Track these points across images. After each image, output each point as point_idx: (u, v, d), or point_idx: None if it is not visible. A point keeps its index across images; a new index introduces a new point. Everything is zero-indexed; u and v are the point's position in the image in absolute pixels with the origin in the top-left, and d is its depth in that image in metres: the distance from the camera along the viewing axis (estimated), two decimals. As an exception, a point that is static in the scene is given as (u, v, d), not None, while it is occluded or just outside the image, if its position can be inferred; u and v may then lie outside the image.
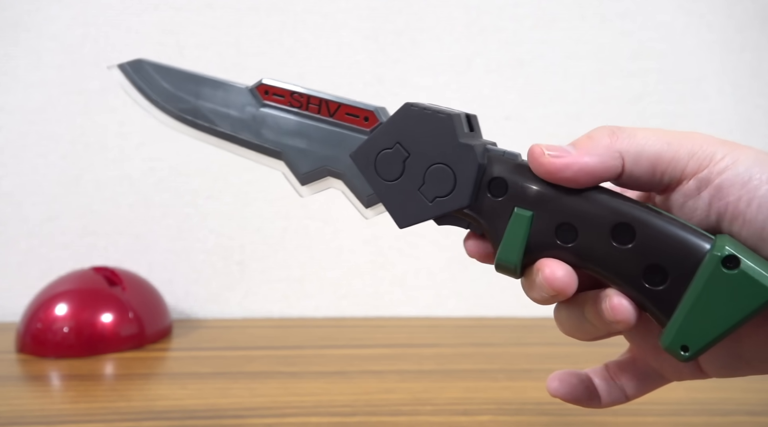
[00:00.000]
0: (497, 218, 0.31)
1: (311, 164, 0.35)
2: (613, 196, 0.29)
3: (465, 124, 0.32)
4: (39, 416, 0.52)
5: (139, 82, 0.38)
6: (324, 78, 0.78)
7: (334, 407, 0.53)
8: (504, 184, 0.30)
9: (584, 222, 0.29)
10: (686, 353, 0.28)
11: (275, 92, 0.35)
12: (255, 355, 0.66)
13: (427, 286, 0.81)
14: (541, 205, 0.30)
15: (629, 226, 0.28)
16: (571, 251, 0.29)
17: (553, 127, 0.80)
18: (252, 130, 0.35)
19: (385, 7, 0.78)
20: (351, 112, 0.34)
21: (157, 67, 0.37)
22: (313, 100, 0.34)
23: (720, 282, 0.27)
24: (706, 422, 0.50)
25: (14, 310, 0.72)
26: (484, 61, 0.79)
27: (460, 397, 0.55)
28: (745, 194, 0.28)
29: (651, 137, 0.29)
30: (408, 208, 0.32)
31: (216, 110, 0.36)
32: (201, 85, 0.36)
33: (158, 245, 0.80)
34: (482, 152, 0.31)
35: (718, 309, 0.27)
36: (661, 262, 0.28)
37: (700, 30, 0.79)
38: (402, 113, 0.32)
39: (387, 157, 0.32)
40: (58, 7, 0.76)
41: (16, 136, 0.78)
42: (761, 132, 0.81)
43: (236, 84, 0.36)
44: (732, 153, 0.28)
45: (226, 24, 0.78)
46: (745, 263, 0.26)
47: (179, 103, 0.37)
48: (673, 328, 0.28)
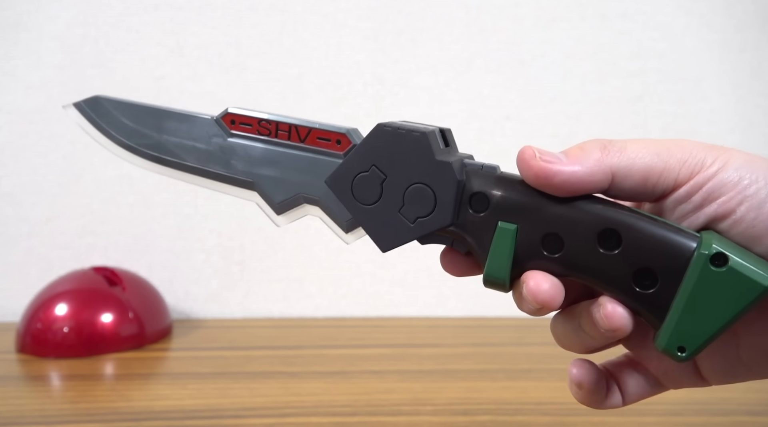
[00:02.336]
0: (481, 233, 0.30)
1: (285, 193, 0.34)
2: (596, 202, 0.29)
3: (440, 140, 0.31)
4: (39, 416, 0.52)
5: (97, 119, 0.36)
6: (324, 78, 0.78)
7: (334, 407, 0.53)
8: (485, 198, 0.30)
9: (569, 231, 0.29)
10: (683, 353, 0.28)
11: (242, 121, 0.34)
12: (255, 355, 0.66)
13: (427, 286, 0.81)
14: (524, 217, 0.29)
15: (615, 231, 0.28)
16: (558, 261, 0.29)
17: (553, 127, 0.80)
18: (221, 162, 0.34)
19: (385, 7, 0.78)
20: (322, 136, 0.33)
21: (115, 103, 0.36)
22: (282, 127, 0.33)
23: (710, 280, 0.27)
24: (706, 422, 0.50)
25: (14, 310, 0.72)
26: (484, 61, 0.79)
27: (460, 397, 0.55)
28: (735, 195, 0.28)
29: (641, 151, 0.29)
30: (389, 232, 0.31)
31: (181, 144, 0.35)
32: (163, 119, 0.35)
33: (158, 245, 0.80)
34: (460, 168, 0.31)
35: (710, 307, 0.27)
36: (649, 265, 0.28)
37: (700, 30, 0.79)
38: (375, 135, 0.31)
39: (363, 180, 0.31)
40: (58, 7, 0.76)
41: (16, 136, 0.78)
42: (761, 132, 0.81)
43: (200, 115, 0.35)
44: (721, 156, 0.29)
45: (226, 24, 0.78)
46: (734, 260, 0.26)
47: (141, 138, 0.35)
48: (668, 329, 0.28)
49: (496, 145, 0.80)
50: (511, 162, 0.31)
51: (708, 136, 0.80)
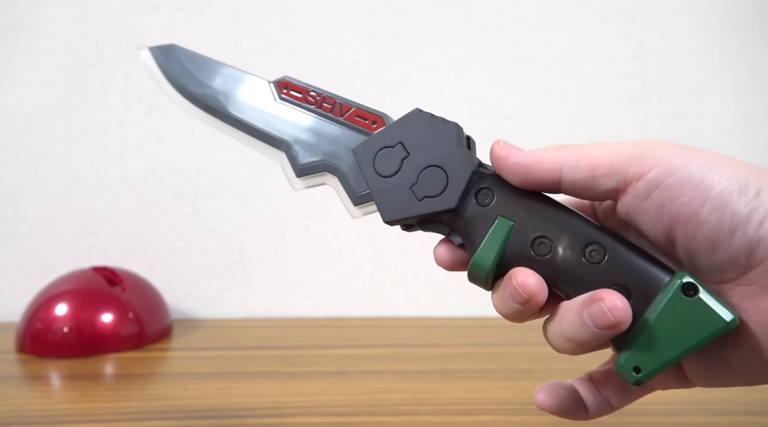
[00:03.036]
0: (479, 224, 0.32)
1: (311, 157, 0.36)
2: (589, 221, 0.31)
3: (465, 137, 0.34)
4: (39, 416, 0.52)
5: (164, 64, 0.39)
6: (324, 78, 0.78)
7: (334, 407, 0.53)
8: (491, 193, 0.32)
9: (560, 237, 0.31)
10: (638, 374, 0.29)
11: (294, 89, 0.37)
12: (255, 355, 0.66)
13: (427, 286, 0.81)
14: (523, 216, 0.31)
15: (601, 246, 0.30)
16: (544, 263, 0.31)
17: (553, 127, 0.80)
18: (263, 120, 0.37)
19: (385, 7, 0.78)
20: (361, 115, 0.35)
21: (187, 53, 0.40)
22: (328, 100, 0.36)
23: (678, 307, 0.28)
24: (706, 422, 0.50)
25: (14, 310, 0.72)
26: (484, 61, 0.79)
27: (460, 397, 0.55)
28: (697, 195, 0.28)
29: (593, 147, 0.30)
30: (396, 203, 0.33)
31: (233, 97, 0.38)
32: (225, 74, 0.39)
33: (158, 245, 0.80)
34: (477, 163, 0.33)
35: (673, 333, 0.28)
36: (626, 282, 0.29)
37: (700, 30, 0.79)
38: (410, 117, 0.34)
39: (387, 154, 0.34)
40: (58, 7, 0.76)
41: (16, 136, 0.78)
42: (761, 132, 0.81)
43: (259, 77, 0.38)
44: (683, 154, 0.29)
45: (226, 24, 0.78)
46: (703, 292, 0.28)
47: (200, 87, 0.38)
48: (628, 348, 0.29)
49: (496, 145, 0.80)
50: None
51: (708, 136, 0.80)
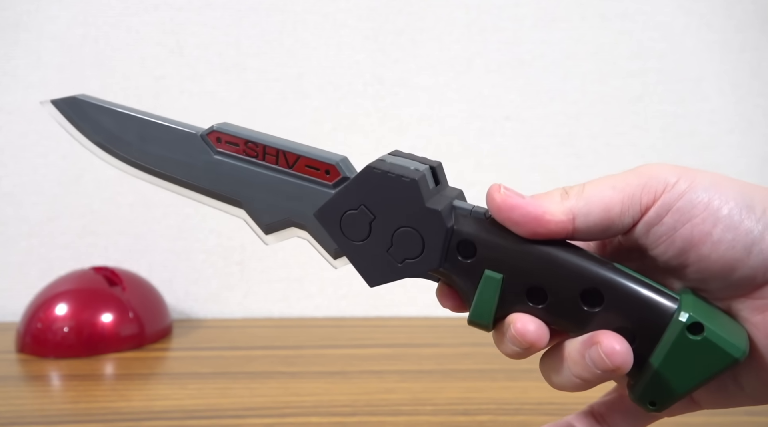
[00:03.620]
0: (468, 278, 0.30)
1: (274, 215, 0.33)
2: (581, 258, 0.29)
3: (430, 179, 0.31)
4: (39, 416, 0.52)
5: (76, 120, 0.35)
6: (324, 78, 0.78)
7: (334, 407, 0.53)
8: (472, 246, 0.30)
9: (553, 286, 0.29)
10: (653, 406, 0.29)
11: (228, 140, 0.33)
12: (255, 355, 0.66)
13: (427, 286, 0.80)
14: (510, 267, 0.30)
15: (598, 291, 0.29)
16: (541, 311, 0.30)
17: (553, 127, 0.80)
18: (207, 179, 0.33)
19: (385, 7, 0.78)
20: (311, 164, 0.32)
21: (95, 106, 0.35)
22: (270, 151, 0.32)
23: (685, 347, 0.28)
24: (706, 422, 0.50)
25: (14, 310, 0.72)
26: (484, 61, 0.79)
27: (460, 397, 0.55)
28: (708, 216, 0.28)
29: (597, 187, 0.29)
30: (377, 269, 0.31)
31: (165, 156, 0.33)
32: (146, 128, 0.34)
33: (158, 245, 0.80)
34: (449, 213, 0.30)
35: (683, 370, 0.28)
36: (629, 325, 0.29)
37: (700, 30, 0.79)
38: (364, 175, 0.31)
39: (352, 218, 0.31)
40: (58, 7, 0.76)
41: (16, 136, 0.78)
42: (761, 132, 0.81)
43: (185, 128, 0.33)
44: (685, 176, 0.28)
45: (226, 24, 0.78)
46: (709, 330, 0.27)
47: (123, 145, 0.34)
48: (641, 384, 0.29)
49: (496, 145, 0.80)
50: (512, 162, 0.31)
51: (708, 136, 0.80)
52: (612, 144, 0.80)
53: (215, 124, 0.33)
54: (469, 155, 0.80)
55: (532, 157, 0.80)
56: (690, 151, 0.81)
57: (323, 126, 0.79)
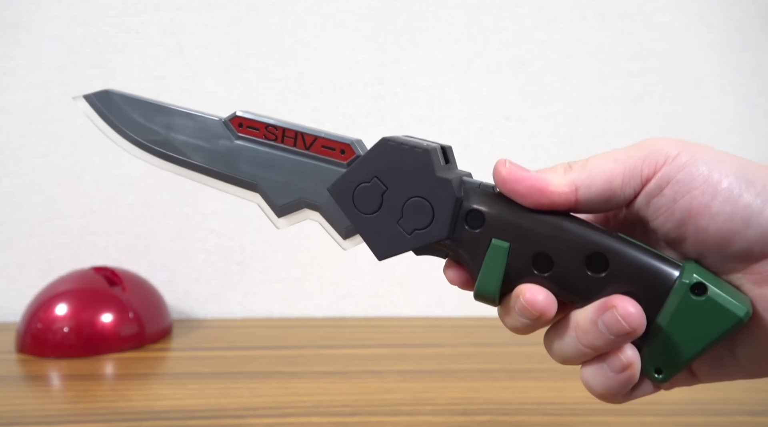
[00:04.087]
0: (475, 248, 0.31)
1: (288, 196, 0.35)
2: (585, 226, 0.30)
3: (441, 156, 0.32)
4: (39, 416, 0.52)
5: (106, 113, 0.37)
6: (324, 78, 0.78)
7: (334, 407, 0.53)
8: (481, 216, 0.31)
9: (559, 252, 0.30)
10: (660, 375, 0.29)
11: (249, 125, 0.35)
12: (255, 355, 0.66)
13: (427, 286, 0.81)
14: (517, 236, 0.30)
15: (602, 255, 0.29)
16: (547, 279, 0.30)
17: (553, 127, 0.80)
18: (226, 163, 0.35)
19: (385, 7, 0.78)
20: (327, 144, 0.34)
21: (125, 98, 0.37)
22: (289, 133, 0.34)
23: (689, 308, 0.28)
24: (706, 422, 0.50)
25: (14, 310, 0.72)
26: (484, 61, 0.79)
27: (460, 397, 0.55)
28: (708, 188, 0.28)
29: (600, 160, 0.30)
30: (386, 241, 0.32)
31: (188, 142, 0.36)
32: (172, 117, 0.36)
33: (158, 245, 0.80)
34: (459, 185, 0.32)
35: (688, 333, 0.28)
36: (633, 289, 0.29)
37: (700, 30, 0.79)
38: (379, 148, 0.32)
39: (365, 190, 0.32)
40: (58, 7, 0.76)
41: (16, 136, 0.78)
42: (761, 132, 0.81)
43: (209, 116, 0.35)
44: (687, 149, 0.29)
45: (226, 24, 0.78)
46: (712, 290, 0.28)
47: (149, 134, 0.36)
48: (647, 352, 0.29)
49: (496, 145, 0.80)
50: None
51: (708, 136, 0.80)
52: (612, 144, 0.80)
53: (237, 110, 0.35)
54: (469, 155, 0.80)
55: (532, 157, 0.80)
56: (690, 151, 0.81)
57: (323, 126, 0.78)
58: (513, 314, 0.31)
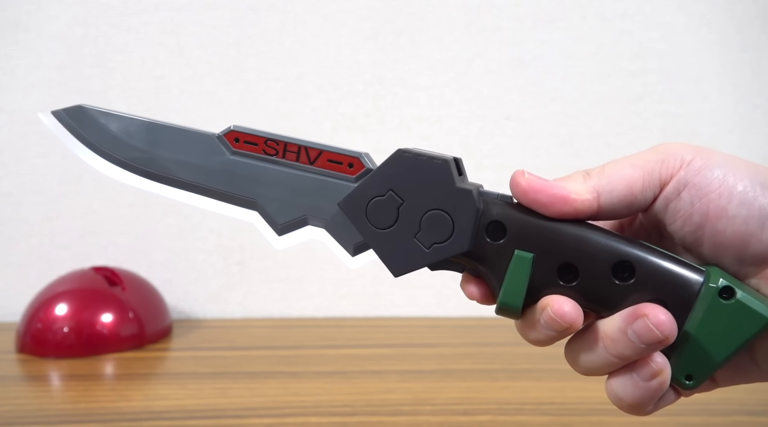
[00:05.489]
0: (497, 261, 0.30)
1: (290, 214, 0.33)
2: (609, 235, 0.30)
3: (458, 172, 0.31)
4: (39, 416, 0.52)
5: (78, 129, 0.34)
6: (324, 78, 0.78)
7: (334, 407, 0.53)
8: (502, 227, 0.30)
9: (585, 261, 0.29)
10: (690, 381, 0.29)
11: (247, 139, 0.33)
12: (255, 355, 0.66)
13: (427, 286, 0.81)
14: (541, 246, 0.30)
15: (629, 263, 0.29)
16: (573, 289, 0.30)
17: (553, 127, 0.80)
18: (221, 180, 0.33)
19: (385, 7, 0.78)
20: (334, 158, 0.32)
21: (101, 113, 0.34)
22: (291, 148, 0.32)
23: (718, 312, 0.28)
24: (706, 422, 0.50)
25: (14, 310, 0.72)
26: (484, 61, 0.79)
27: (460, 397, 0.55)
28: (724, 191, 0.29)
29: (617, 166, 0.30)
30: (403, 256, 0.31)
31: (176, 159, 0.33)
32: (157, 132, 0.33)
33: (158, 245, 0.80)
34: (478, 196, 0.31)
35: (717, 337, 0.28)
36: (661, 296, 0.29)
37: (700, 30, 0.79)
38: (394, 160, 0.31)
39: (379, 204, 0.31)
40: (58, 7, 0.76)
41: (16, 136, 0.78)
42: (761, 132, 0.81)
43: (199, 131, 0.33)
44: (701, 154, 0.29)
45: (226, 24, 0.78)
46: (741, 293, 0.28)
47: (130, 151, 0.33)
48: (677, 358, 0.29)
49: (496, 145, 0.80)
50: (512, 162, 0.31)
51: (708, 136, 0.80)
52: (612, 144, 0.80)
53: (232, 124, 0.33)
54: (469, 155, 0.80)
55: (532, 157, 0.80)
56: (690, 151, 0.81)
57: (323, 126, 0.79)
58: (538, 326, 0.30)
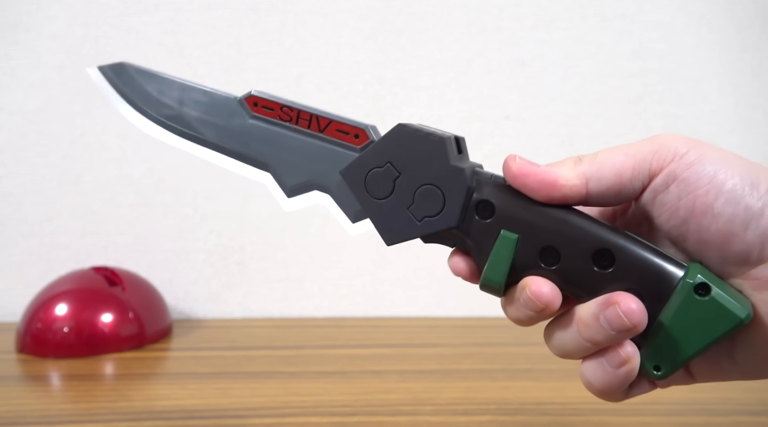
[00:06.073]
0: (483, 238, 0.31)
1: (299, 177, 0.34)
2: (593, 223, 0.30)
3: (455, 146, 0.32)
4: (39, 416, 0.52)
5: (119, 84, 0.37)
6: (324, 78, 0.78)
7: (334, 407, 0.53)
8: (491, 206, 0.31)
9: (567, 246, 0.30)
10: (658, 372, 0.30)
11: (265, 105, 0.35)
12: (255, 355, 0.66)
13: (427, 286, 0.81)
14: (526, 228, 0.31)
15: (609, 252, 0.30)
16: (554, 272, 0.31)
17: (553, 127, 0.80)
18: (239, 141, 0.35)
19: (385, 7, 0.78)
20: (342, 128, 0.34)
21: (140, 71, 0.37)
22: (304, 115, 0.34)
23: (692, 307, 0.28)
24: (706, 422, 0.50)
25: (14, 310, 0.72)
26: (484, 61, 0.79)
27: (460, 397, 0.55)
28: (712, 188, 0.29)
29: (610, 153, 0.31)
30: (396, 226, 0.33)
31: (201, 118, 0.36)
32: (186, 92, 0.36)
33: (158, 245, 0.80)
34: (471, 175, 0.32)
35: (689, 332, 0.29)
36: (637, 286, 0.29)
37: (700, 30, 0.79)
38: (394, 133, 0.32)
39: (377, 175, 0.33)
40: (58, 7, 0.76)
41: (16, 136, 0.78)
42: (761, 132, 0.81)
43: (224, 93, 0.36)
44: (696, 148, 0.29)
45: (226, 24, 0.78)
46: (716, 291, 0.28)
47: (162, 108, 0.36)
48: (647, 349, 0.30)
49: (496, 145, 0.80)
50: None
51: (708, 136, 0.80)
52: (612, 144, 0.79)
53: (253, 89, 0.35)
54: (469, 155, 0.80)
55: (532, 157, 0.79)
56: (690, 151, 0.81)
57: (323, 126, 0.79)
58: (517, 305, 0.31)
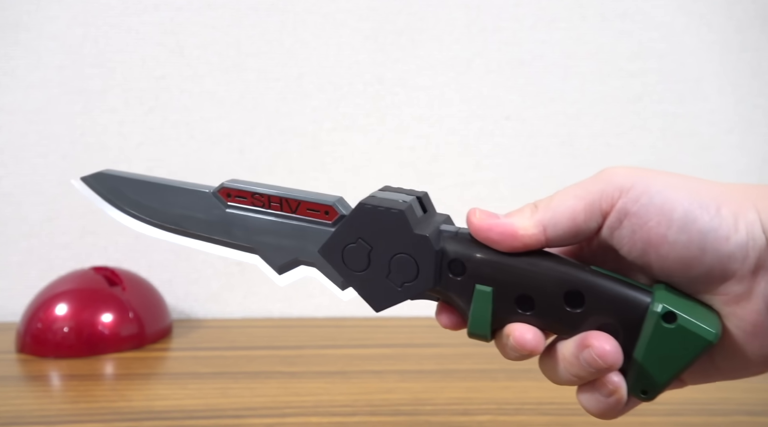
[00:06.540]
0: (462, 294, 0.33)
1: (284, 257, 0.36)
2: (560, 264, 0.32)
3: (418, 208, 0.34)
4: (39, 416, 0.52)
5: (104, 192, 0.40)
6: (324, 78, 0.78)
7: (334, 407, 0.53)
8: (461, 264, 0.33)
9: (538, 292, 0.31)
10: (646, 395, 0.31)
11: (237, 194, 0.37)
12: (255, 355, 0.66)
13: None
14: (498, 280, 0.32)
15: (579, 292, 0.31)
16: (532, 317, 0.32)
17: (553, 127, 0.80)
18: (222, 231, 0.37)
19: (385, 7, 0.78)
20: (311, 207, 0.36)
21: (119, 178, 0.39)
22: (274, 199, 0.36)
23: (662, 335, 0.30)
24: (706, 422, 0.50)
25: (14, 310, 0.72)
26: (484, 61, 0.79)
27: (460, 397, 0.55)
28: (663, 219, 0.29)
29: (562, 198, 0.31)
30: (380, 295, 0.34)
31: (184, 215, 0.38)
32: (164, 194, 0.38)
33: (158, 245, 0.80)
34: (437, 237, 0.33)
35: (664, 358, 0.30)
36: (611, 320, 0.31)
37: (700, 30, 0.79)
38: (357, 212, 0.34)
39: (352, 251, 0.34)
40: (58, 7, 0.76)
41: (16, 136, 0.78)
42: (761, 132, 0.81)
43: (199, 188, 0.37)
44: (640, 180, 0.30)
45: (226, 24, 0.78)
46: (681, 317, 0.29)
47: (147, 210, 0.39)
48: (631, 376, 0.31)
49: (496, 145, 0.80)
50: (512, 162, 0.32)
51: (708, 136, 0.80)
52: (612, 144, 0.80)
53: (225, 181, 0.37)
54: (469, 155, 0.80)
55: (532, 157, 0.80)
56: (690, 152, 0.81)
57: (323, 126, 0.79)
58: (506, 349, 0.33)
